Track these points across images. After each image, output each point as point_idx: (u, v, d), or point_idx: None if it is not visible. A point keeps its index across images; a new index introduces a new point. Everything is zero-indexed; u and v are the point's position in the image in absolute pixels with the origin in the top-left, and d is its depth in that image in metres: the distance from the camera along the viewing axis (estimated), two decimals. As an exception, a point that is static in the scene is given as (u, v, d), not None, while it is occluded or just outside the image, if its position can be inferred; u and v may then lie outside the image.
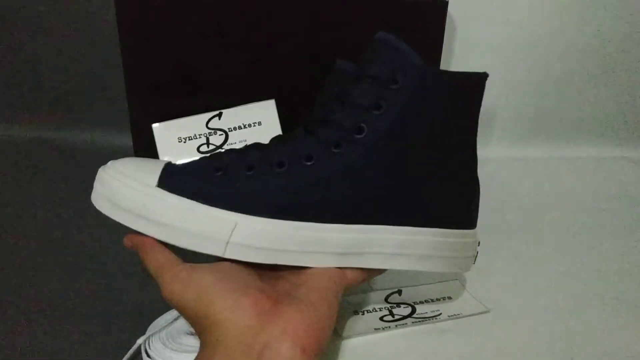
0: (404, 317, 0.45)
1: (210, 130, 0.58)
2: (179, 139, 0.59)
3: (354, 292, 0.48)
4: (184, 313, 0.34)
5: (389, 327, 0.44)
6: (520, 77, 0.76)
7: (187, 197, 0.35)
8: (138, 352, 0.41)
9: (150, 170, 0.37)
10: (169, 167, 0.38)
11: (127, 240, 0.38)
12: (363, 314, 0.46)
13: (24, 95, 0.74)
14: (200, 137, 0.58)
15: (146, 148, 0.62)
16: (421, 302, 0.47)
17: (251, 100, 0.58)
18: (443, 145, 0.39)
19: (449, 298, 0.48)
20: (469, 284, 0.50)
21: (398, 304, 0.47)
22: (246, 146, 0.41)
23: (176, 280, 0.34)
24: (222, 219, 0.35)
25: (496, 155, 0.78)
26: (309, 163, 0.37)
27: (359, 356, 0.41)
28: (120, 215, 0.36)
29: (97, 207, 0.37)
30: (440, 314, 0.46)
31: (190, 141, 0.59)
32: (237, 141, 0.58)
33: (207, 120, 0.58)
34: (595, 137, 0.80)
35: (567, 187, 0.72)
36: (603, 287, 0.51)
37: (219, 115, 0.58)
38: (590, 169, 0.77)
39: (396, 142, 0.37)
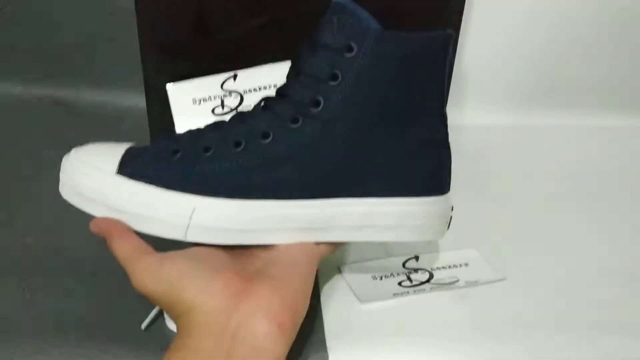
0: (422, 283, 0.46)
1: (225, 92, 0.57)
2: (194, 100, 0.58)
3: (371, 257, 0.49)
4: (157, 302, 0.34)
5: (407, 292, 0.44)
6: (523, 43, 0.74)
7: (146, 183, 0.35)
8: (159, 314, 0.41)
9: (111, 157, 0.37)
10: (129, 152, 0.37)
11: (93, 226, 0.37)
12: (381, 279, 0.46)
13: (36, 55, 0.73)
14: (215, 99, 0.57)
15: (160, 109, 0.61)
16: (438, 269, 0.48)
17: (267, 61, 0.57)
18: (406, 112, 0.38)
19: (466, 265, 0.48)
20: (485, 252, 0.50)
21: (415, 270, 0.47)
22: (205, 125, 0.40)
23: (147, 272, 0.34)
24: (181, 203, 0.35)
25: (506, 122, 0.77)
26: (266, 141, 0.36)
27: (378, 321, 0.42)
28: (85, 204, 0.37)
29: (64, 197, 0.38)
30: (458, 280, 0.46)
31: (205, 103, 0.58)
32: (253, 103, 0.57)
33: (222, 81, 0.57)
34: (602, 105, 0.79)
35: (579, 156, 0.72)
36: (616, 256, 0.51)
37: (234, 77, 0.57)
38: (598, 137, 0.76)
39: (355, 112, 0.36)
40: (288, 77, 0.39)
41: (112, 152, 0.37)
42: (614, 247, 0.53)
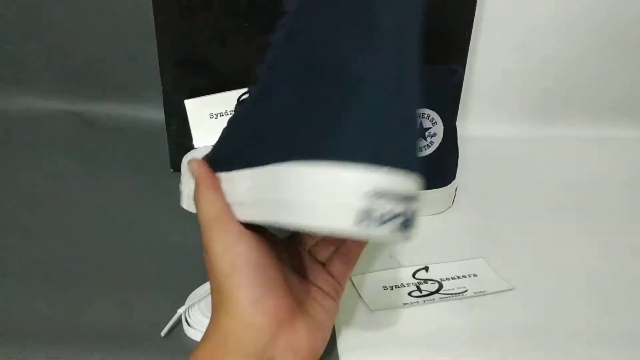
0: (432, 293, 0.47)
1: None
2: (211, 115, 0.60)
3: (382, 268, 0.50)
4: (209, 274, 0.33)
5: (417, 302, 0.46)
6: (532, 55, 0.75)
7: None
8: (179, 321, 0.43)
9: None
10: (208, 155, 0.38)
11: (191, 164, 0.35)
12: (392, 289, 0.47)
13: (56, 68, 0.75)
14: (231, 113, 0.59)
15: (178, 123, 0.63)
16: (447, 279, 0.49)
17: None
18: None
19: (475, 275, 0.50)
20: (493, 263, 0.51)
21: (425, 280, 0.48)
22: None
23: (220, 243, 0.32)
24: None
25: (515, 134, 0.78)
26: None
27: (389, 329, 0.43)
28: None
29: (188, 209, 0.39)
30: (467, 290, 0.47)
31: (222, 117, 0.60)
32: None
33: (239, 97, 0.58)
34: (610, 116, 0.79)
35: (587, 167, 0.72)
36: (626, 265, 0.52)
37: (249, 92, 0.59)
38: (606, 148, 0.76)
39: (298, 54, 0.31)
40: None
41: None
42: (622, 257, 0.53)
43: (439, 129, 0.55)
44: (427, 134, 0.55)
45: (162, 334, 0.42)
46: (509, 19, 0.72)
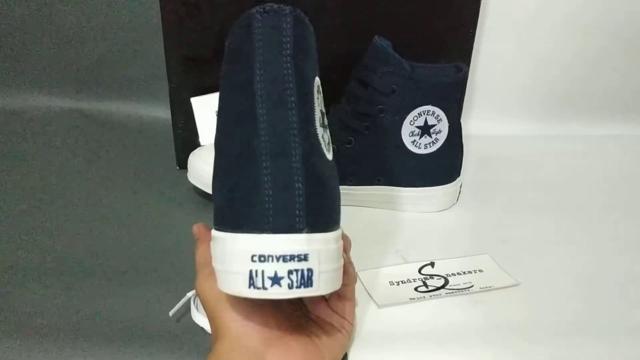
0: (438, 288, 0.47)
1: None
2: (217, 113, 0.60)
3: (388, 264, 0.50)
4: (205, 309, 0.36)
5: (424, 297, 0.46)
6: (536, 53, 0.76)
7: None
8: (187, 304, 0.44)
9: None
10: None
11: (194, 228, 0.41)
12: (398, 284, 0.48)
13: (62, 66, 0.76)
14: (237, 111, 0.59)
15: (184, 121, 0.63)
16: (453, 275, 0.49)
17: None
18: None
19: (480, 271, 0.50)
20: (498, 259, 0.52)
21: (431, 276, 0.49)
22: None
23: (208, 280, 0.36)
24: None
25: (519, 131, 0.78)
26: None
27: (395, 325, 0.43)
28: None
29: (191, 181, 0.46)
30: (472, 286, 0.48)
31: (228, 115, 0.60)
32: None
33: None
34: (615, 114, 0.80)
35: (594, 165, 0.72)
36: (630, 262, 0.52)
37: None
38: (611, 145, 0.77)
39: None
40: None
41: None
42: (627, 252, 0.54)
43: (443, 126, 0.56)
44: (432, 131, 0.55)
45: (170, 313, 0.43)
46: (514, 18, 0.73)
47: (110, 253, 0.52)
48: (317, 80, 0.35)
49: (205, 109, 0.60)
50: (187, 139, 0.63)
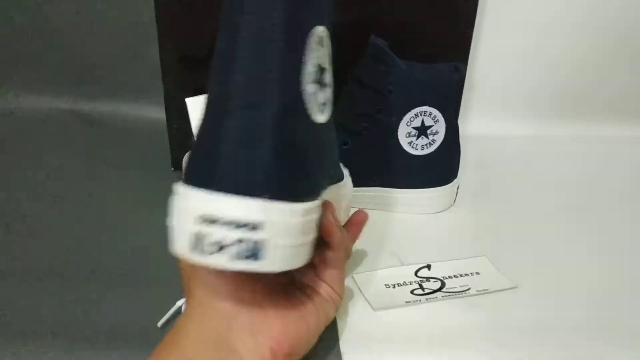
0: (434, 291, 0.47)
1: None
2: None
3: (384, 266, 0.50)
4: (182, 278, 0.35)
5: (420, 300, 0.45)
6: (537, 54, 0.75)
7: None
8: (178, 312, 0.43)
9: None
10: None
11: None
12: (394, 287, 0.47)
13: (58, 67, 0.75)
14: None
15: (179, 121, 0.63)
16: (450, 277, 0.49)
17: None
18: None
19: (477, 274, 0.49)
20: (496, 261, 0.51)
21: (428, 279, 0.48)
22: None
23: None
24: None
25: (516, 132, 0.78)
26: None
27: (392, 328, 0.43)
28: None
29: None
30: (469, 288, 0.47)
31: (223, 115, 0.60)
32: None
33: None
34: (618, 116, 0.79)
35: (591, 166, 0.72)
36: (628, 263, 0.52)
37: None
38: (612, 147, 0.77)
39: None
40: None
41: None
42: (624, 255, 0.53)
43: (440, 126, 0.55)
44: (428, 131, 0.55)
45: (159, 324, 0.42)
46: (512, 17, 0.73)
47: (104, 254, 0.51)
48: (322, 30, 0.31)
49: (200, 109, 0.60)
50: (182, 140, 0.62)
